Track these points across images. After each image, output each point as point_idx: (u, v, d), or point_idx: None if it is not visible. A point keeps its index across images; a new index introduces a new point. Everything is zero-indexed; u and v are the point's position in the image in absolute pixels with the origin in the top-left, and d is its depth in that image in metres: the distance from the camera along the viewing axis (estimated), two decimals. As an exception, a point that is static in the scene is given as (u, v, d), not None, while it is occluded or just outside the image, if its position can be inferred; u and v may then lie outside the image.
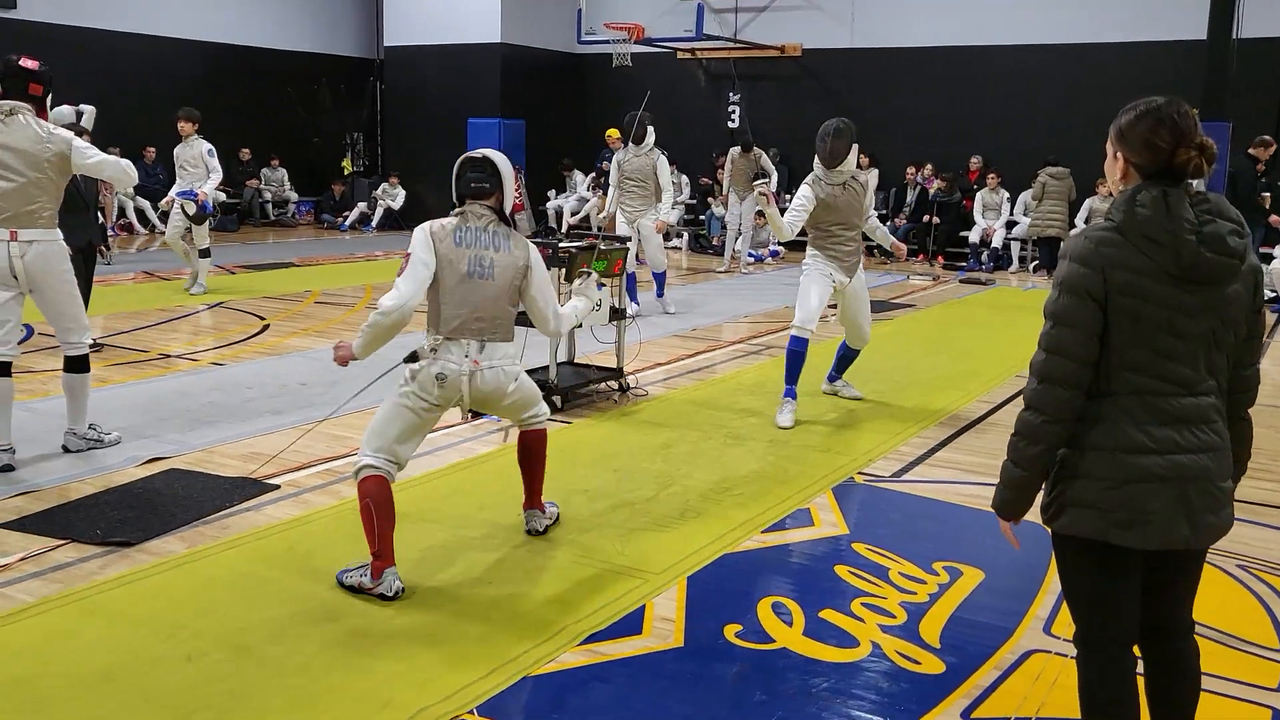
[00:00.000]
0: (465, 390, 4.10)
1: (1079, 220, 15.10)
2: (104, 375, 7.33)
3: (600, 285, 6.07)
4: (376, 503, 3.95)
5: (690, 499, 5.14)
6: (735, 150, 14.68)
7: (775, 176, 14.84)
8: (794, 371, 6.66)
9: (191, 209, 10.59)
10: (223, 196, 6.32)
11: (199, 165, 10.69)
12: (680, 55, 18.57)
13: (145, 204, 17.14)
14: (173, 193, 10.80)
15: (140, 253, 15.05)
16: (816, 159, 6.68)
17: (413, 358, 4.14)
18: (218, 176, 10.86)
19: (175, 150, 10.91)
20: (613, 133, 15.49)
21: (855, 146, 6.69)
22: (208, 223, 10.95)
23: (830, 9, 17.41)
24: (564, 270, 6.63)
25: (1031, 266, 15.44)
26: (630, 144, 9.67)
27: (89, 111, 8.24)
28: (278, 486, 5.15)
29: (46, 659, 3.45)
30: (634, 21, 16.07)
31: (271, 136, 19.15)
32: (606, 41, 16.17)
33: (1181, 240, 2.38)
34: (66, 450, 5.60)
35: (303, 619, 3.77)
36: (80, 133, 7.82)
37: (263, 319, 9.73)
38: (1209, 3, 11.70)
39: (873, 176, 17.66)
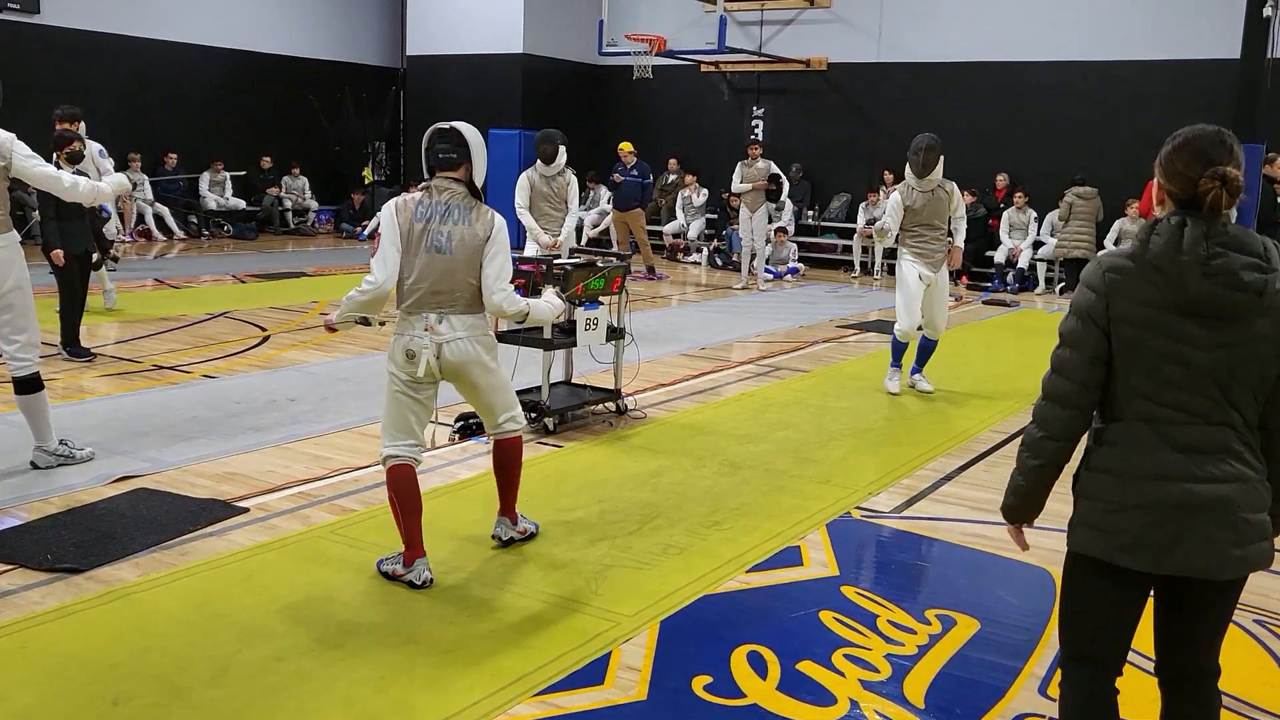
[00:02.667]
0: (434, 360, 4.14)
1: (1108, 242, 14.74)
2: (91, 386, 7.19)
3: (593, 304, 6.23)
4: (400, 495, 4.15)
5: (675, 533, 4.89)
6: (743, 162, 14.17)
7: (786, 185, 14.48)
8: (897, 355, 7.90)
9: None
10: (128, 185, 6.00)
11: (89, 168, 9.55)
12: (703, 68, 18.36)
13: (164, 210, 17.11)
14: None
15: (157, 259, 14.99)
16: (909, 169, 7.62)
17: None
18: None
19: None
20: (625, 146, 15.34)
21: (942, 159, 7.57)
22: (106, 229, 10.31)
23: (857, 22, 17.15)
24: (558, 287, 6.41)
25: (1058, 289, 15.08)
26: (540, 163, 8.92)
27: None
28: (246, 510, 4.95)
29: (-33, 698, 3.25)
30: (656, 33, 15.84)
31: (293, 144, 19.09)
32: (628, 53, 15.96)
33: (1188, 272, 2.34)
34: (35, 467, 5.41)
35: (247, 659, 3.56)
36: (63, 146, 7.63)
37: (264, 330, 9.57)
38: (1243, 22, 11.36)
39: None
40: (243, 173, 17.65)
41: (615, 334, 6.86)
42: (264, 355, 8.50)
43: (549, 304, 4.55)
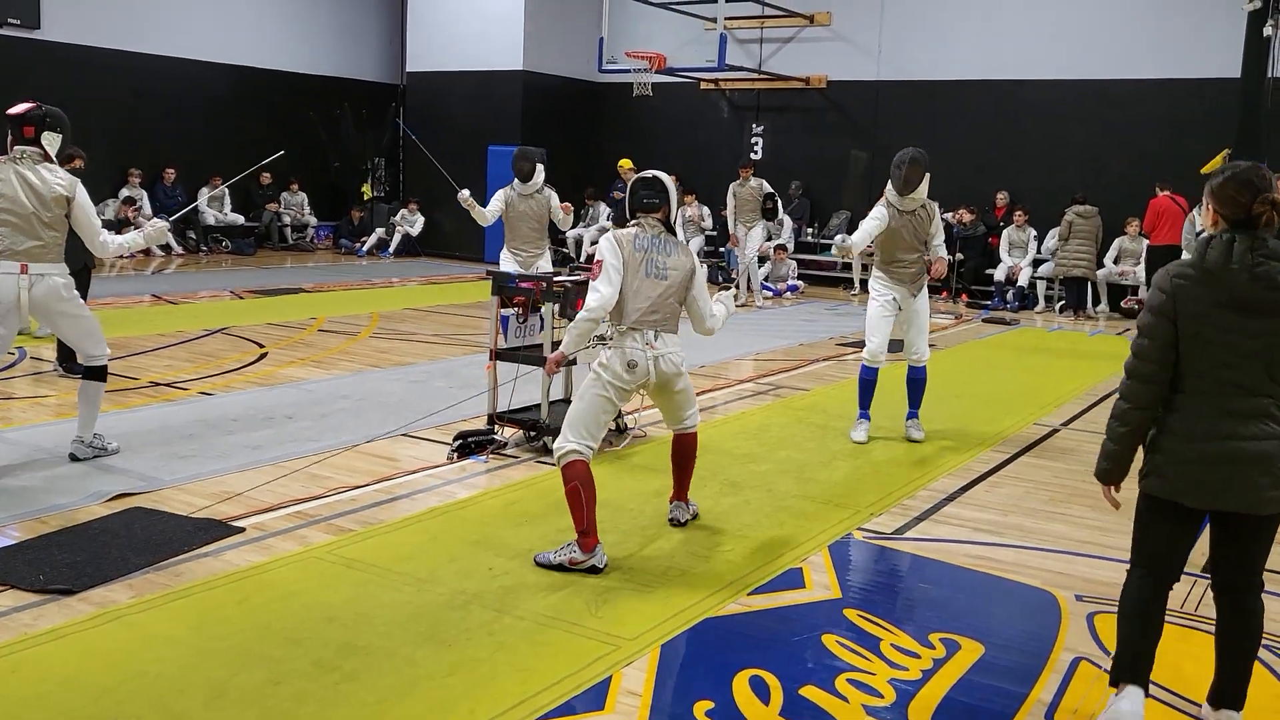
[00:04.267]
0: (653, 371, 4.71)
1: (1108, 260, 14.75)
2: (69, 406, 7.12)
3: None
4: (585, 485, 4.56)
5: (676, 555, 4.85)
6: (734, 183, 14.31)
7: (780, 202, 14.50)
8: (866, 398, 7.03)
9: None
10: (165, 228, 6.17)
11: None
12: (704, 85, 18.39)
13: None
14: None
15: (155, 275, 14.96)
16: (890, 185, 6.88)
17: (600, 339, 4.76)
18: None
19: None
20: (625, 163, 15.36)
21: (928, 176, 6.80)
22: None
23: (857, 41, 17.19)
24: (558, 305, 6.39)
25: (1058, 307, 15.06)
26: (517, 181, 8.59)
27: None
28: (243, 530, 4.90)
29: (-42, 723, 3.20)
30: (655, 51, 15.85)
31: (292, 160, 19.02)
32: (627, 70, 15.97)
33: (1237, 277, 3.04)
34: (74, 459, 5.76)
35: (244, 682, 3.50)
36: None
37: (261, 346, 9.53)
38: (1243, 41, 11.37)
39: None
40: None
41: (615, 352, 6.82)
42: (262, 372, 8.45)
43: (726, 307, 5.14)
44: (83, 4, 16.20)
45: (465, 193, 8.95)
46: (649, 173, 4.92)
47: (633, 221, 4.85)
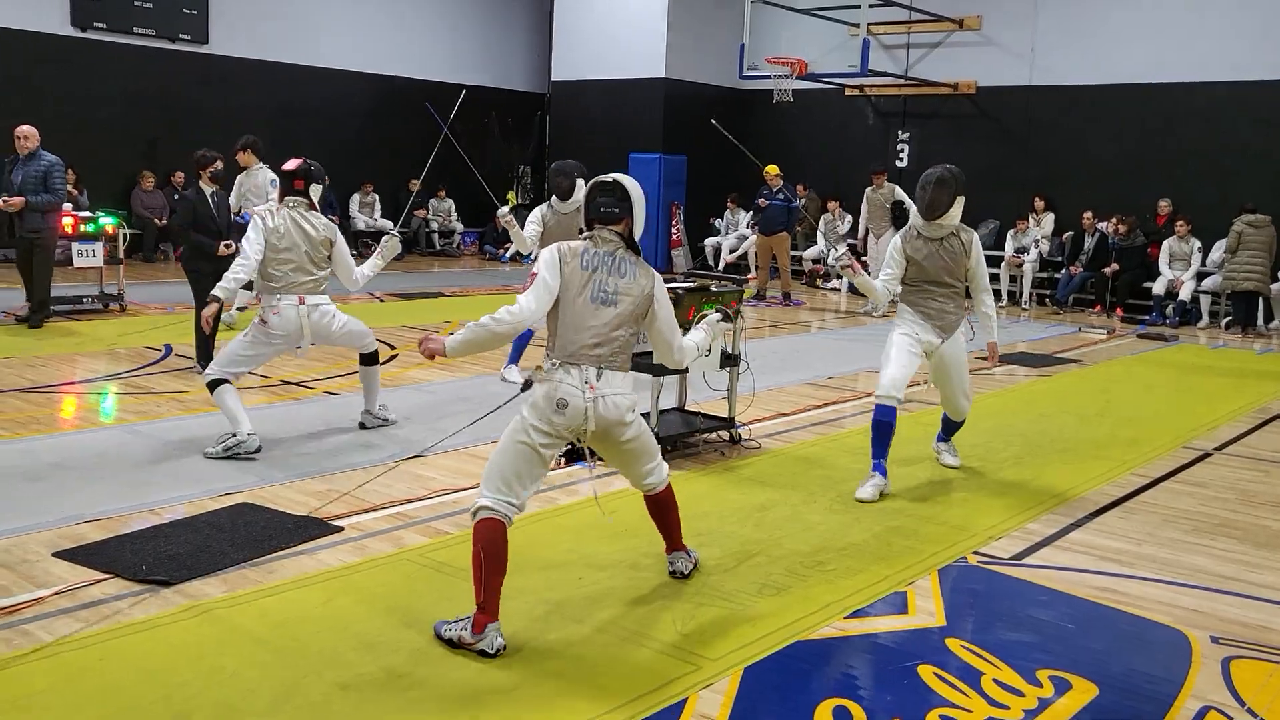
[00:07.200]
0: (590, 416, 3.91)
1: (1281, 274, 13.77)
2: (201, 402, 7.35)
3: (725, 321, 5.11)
4: (488, 551, 3.77)
5: (773, 572, 4.64)
6: (868, 189, 14.11)
7: (914, 209, 14.00)
8: (880, 444, 5.87)
9: None
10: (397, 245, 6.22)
11: (261, 197, 10.00)
12: (848, 92, 18.01)
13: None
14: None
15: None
16: (914, 209, 6.16)
17: (527, 385, 4.13)
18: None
19: (239, 178, 10.44)
20: (771, 169, 15.11)
21: (961, 200, 6.03)
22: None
23: (1008, 45, 16.53)
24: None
25: (1224, 323, 14.11)
26: (555, 199, 7.88)
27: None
28: (341, 529, 4.92)
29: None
30: (797, 57, 15.59)
31: (440, 168, 19.47)
32: (768, 76, 15.76)
33: None
34: (363, 427, 6.74)
35: (312, 686, 3.46)
36: None
37: (393, 349, 9.70)
38: None
39: (1047, 221, 16.61)
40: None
41: (729, 360, 6.65)
42: (388, 373, 8.56)
43: (707, 334, 4.52)
44: (244, 20, 16.96)
45: (504, 209, 8.20)
46: (610, 176, 4.15)
47: (585, 234, 4.09)
